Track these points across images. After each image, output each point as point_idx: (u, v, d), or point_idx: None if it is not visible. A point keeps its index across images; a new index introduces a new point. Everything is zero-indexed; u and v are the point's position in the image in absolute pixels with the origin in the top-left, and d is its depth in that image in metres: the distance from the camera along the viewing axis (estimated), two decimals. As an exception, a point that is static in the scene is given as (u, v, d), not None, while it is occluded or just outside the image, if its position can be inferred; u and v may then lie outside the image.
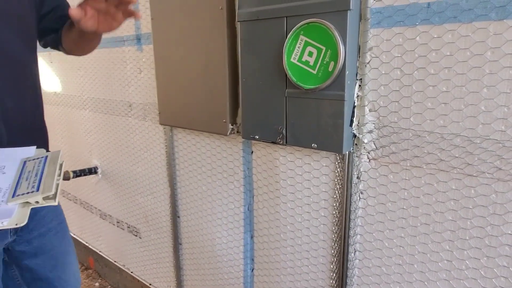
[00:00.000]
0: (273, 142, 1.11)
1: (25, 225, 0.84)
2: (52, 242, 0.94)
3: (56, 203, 0.54)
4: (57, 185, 0.59)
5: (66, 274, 0.97)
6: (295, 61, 0.98)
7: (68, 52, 0.98)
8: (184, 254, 1.70)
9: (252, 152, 1.28)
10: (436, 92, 0.86)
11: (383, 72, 0.92)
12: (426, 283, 0.97)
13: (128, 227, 1.97)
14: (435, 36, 0.83)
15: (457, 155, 0.85)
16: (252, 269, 1.42)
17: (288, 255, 1.26)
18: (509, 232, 0.82)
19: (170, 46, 1.36)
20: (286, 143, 1.08)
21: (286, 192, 1.20)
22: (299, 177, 1.15)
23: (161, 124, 1.51)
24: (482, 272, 0.87)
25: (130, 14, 0.74)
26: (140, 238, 1.92)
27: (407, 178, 0.94)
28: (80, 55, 1.02)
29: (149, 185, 1.76)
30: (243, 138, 1.18)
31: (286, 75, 1.01)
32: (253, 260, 1.40)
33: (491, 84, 0.79)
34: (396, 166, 0.95)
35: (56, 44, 0.96)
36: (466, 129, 0.83)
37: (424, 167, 0.90)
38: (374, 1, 0.90)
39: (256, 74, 1.10)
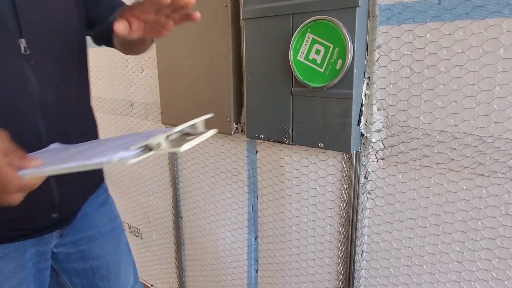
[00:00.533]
0: (279, 142, 1.09)
1: (70, 225, 0.80)
2: (102, 248, 0.85)
3: (181, 150, 0.45)
4: (186, 136, 0.53)
5: (120, 285, 0.89)
6: (302, 59, 0.97)
7: (122, 52, 0.90)
8: (186, 255, 1.68)
9: (256, 152, 1.26)
10: (447, 90, 0.84)
11: (392, 70, 0.91)
12: (435, 284, 0.95)
13: (130, 227, 1.95)
14: (446, 33, 0.82)
15: (468, 155, 0.84)
16: (256, 270, 1.40)
17: (293, 256, 1.24)
18: (522, 233, 0.81)
19: (172, 44, 1.34)
20: (292, 142, 1.06)
21: (292, 192, 1.19)
22: (305, 177, 1.14)
23: (163, 123, 1.49)
24: (493, 274, 0.86)
25: (185, 18, 0.61)
26: (141, 239, 1.90)
27: (416, 178, 0.93)
28: (136, 55, 0.92)
29: (150, 185, 1.74)
30: (247, 137, 1.16)
31: (292, 73, 0.99)
32: (257, 261, 1.38)
33: (504, 82, 0.77)
34: (405, 166, 0.94)
35: (108, 41, 0.87)
36: (477, 128, 0.81)
37: (434, 166, 0.89)
38: (383, -2, 0.88)
39: (262, 72, 1.08)
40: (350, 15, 0.88)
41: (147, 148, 0.49)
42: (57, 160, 0.50)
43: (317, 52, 0.94)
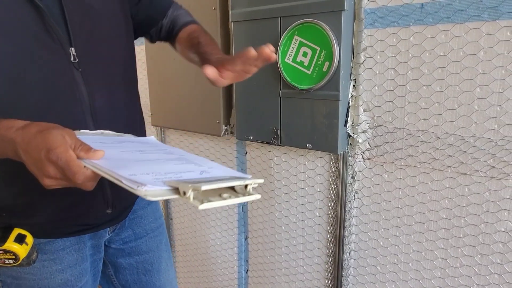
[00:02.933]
0: (268, 143, 1.10)
1: (121, 223, 0.85)
2: (147, 245, 0.91)
3: (199, 207, 0.44)
4: (224, 192, 0.49)
5: (161, 281, 0.94)
6: (290, 62, 0.98)
7: (184, 55, 0.91)
8: (177, 256, 1.68)
9: (246, 153, 1.28)
10: (430, 91, 0.86)
11: (377, 72, 0.93)
12: (421, 281, 0.97)
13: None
14: (429, 37, 0.84)
15: (451, 154, 0.86)
16: (247, 271, 1.41)
17: (283, 255, 1.26)
18: (503, 230, 0.84)
19: (162, 46, 1.34)
20: (280, 143, 1.08)
21: (281, 193, 1.20)
22: (294, 177, 1.15)
23: (153, 125, 1.49)
24: (476, 270, 0.88)
25: (265, 62, 0.65)
26: (131, 241, 1.90)
27: (401, 177, 0.95)
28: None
29: (140, 187, 1.74)
30: (237, 139, 1.18)
31: (280, 75, 1.01)
32: (247, 261, 1.39)
33: (484, 83, 0.80)
34: (390, 166, 0.96)
35: (168, 39, 0.92)
36: (459, 128, 0.84)
37: (419, 166, 0.91)
38: (368, 2, 0.91)
39: (250, 74, 1.09)
40: (336, 18, 0.90)
41: (175, 189, 0.48)
42: (110, 163, 0.52)
43: (305, 54, 0.96)
